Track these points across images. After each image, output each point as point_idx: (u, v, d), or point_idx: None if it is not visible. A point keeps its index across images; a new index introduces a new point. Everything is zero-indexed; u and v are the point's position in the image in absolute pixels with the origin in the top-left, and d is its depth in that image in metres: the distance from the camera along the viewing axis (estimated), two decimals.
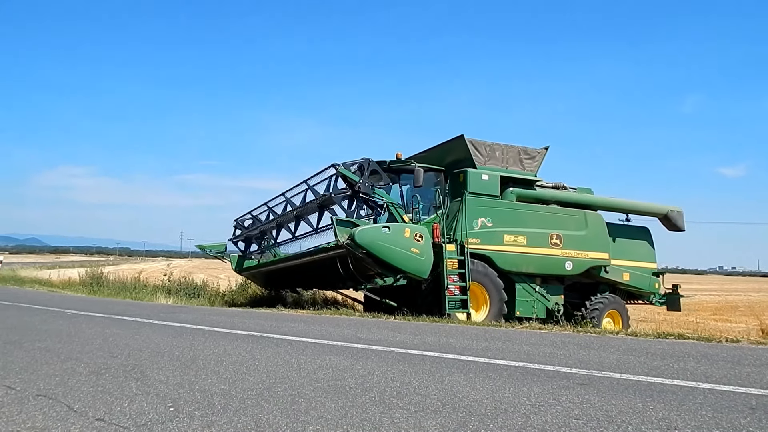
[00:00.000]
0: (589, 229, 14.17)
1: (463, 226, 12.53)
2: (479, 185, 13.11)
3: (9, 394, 3.89)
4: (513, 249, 13.13)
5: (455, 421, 3.50)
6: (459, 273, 12.08)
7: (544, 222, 13.70)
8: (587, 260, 13.97)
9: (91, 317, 9.21)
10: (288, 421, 3.42)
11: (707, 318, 21.97)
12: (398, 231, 11.65)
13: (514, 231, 13.19)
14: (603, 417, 3.63)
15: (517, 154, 14.10)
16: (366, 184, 12.24)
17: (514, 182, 13.85)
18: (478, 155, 13.49)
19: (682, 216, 15.85)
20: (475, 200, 12.96)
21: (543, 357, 6.03)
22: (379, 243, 11.31)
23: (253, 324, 8.59)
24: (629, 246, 15.17)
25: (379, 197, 12.49)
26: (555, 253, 13.60)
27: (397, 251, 11.40)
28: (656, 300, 15.46)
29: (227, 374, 4.72)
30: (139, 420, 3.38)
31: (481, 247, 12.77)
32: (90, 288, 18.64)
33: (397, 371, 5.04)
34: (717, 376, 5.08)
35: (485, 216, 12.97)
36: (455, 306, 11.91)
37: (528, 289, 13.55)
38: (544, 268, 13.65)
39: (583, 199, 14.93)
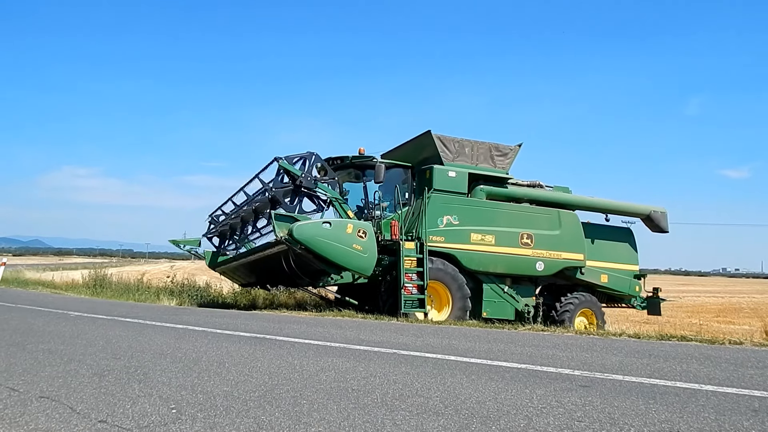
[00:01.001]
0: (563, 228, 13.80)
1: (424, 224, 12.22)
2: (445, 182, 12.80)
3: (12, 396, 3.90)
4: (480, 248, 12.84)
5: (457, 423, 3.50)
6: (417, 271, 11.82)
7: (515, 221, 13.38)
8: (560, 261, 13.63)
9: (94, 319, 9.23)
10: (290, 423, 3.43)
11: (710, 320, 21.93)
12: (340, 227, 11.39)
13: (482, 230, 12.89)
14: (605, 419, 3.63)
15: (488, 151, 13.70)
16: (308, 178, 12.05)
17: (485, 179, 13.50)
18: (446, 151, 13.14)
19: (666, 217, 15.49)
20: (440, 197, 12.67)
21: (545, 359, 6.03)
22: (318, 239, 11.06)
23: (256, 326, 8.59)
24: (609, 247, 14.80)
25: (323, 192, 12.26)
26: (525, 253, 13.27)
27: (337, 247, 11.14)
28: (638, 304, 15.08)
29: (230, 376, 4.73)
30: (142, 422, 3.38)
31: (445, 245, 12.52)
32: (93, 290, 18.65)
33: (399, 373, 5.04)
34: (720, 378, 5.08)
35: (451, 214, 12.70)
36: (412, 305, 11.68)
37: (496, 290, 13.25)
38: (514, 269, 13.31)
39: (558, 197, 14.53)
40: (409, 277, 11.75)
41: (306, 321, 9.65)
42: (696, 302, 35.34)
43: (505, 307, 13.26)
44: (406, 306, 11.64)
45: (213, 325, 8.54)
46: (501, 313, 13.09)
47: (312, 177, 12.18)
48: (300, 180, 12.04)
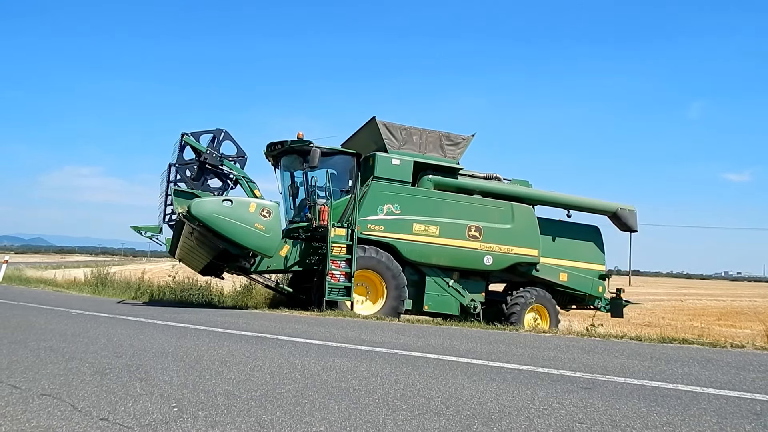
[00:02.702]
0: (516, 222, 13.28)
1: (357, 212, 11.99)
2: (388, 170, 12.49)
3: (14, 393, 3.90)
4: (422, 239, 12.48)
5: (459, 423, 3.50)
6: (347, 259, 11.59)
7: (462, 212, 12.94)
8: (511, 256, 13.10)
9: (96, 317, 9.24)
10: (292, 422, 3.43)
11: (712, 323, 21.92)
12: (242, 205, 11.18)
13: (425, 220, 12.54)
14: (607, 421, 3.63)
15: (438, 140, 13.25)
16: (214, 155, 11.83)
17: (434, 169, 13.07)
18: (392, 139, 12.81)
19: (635, 215, 14.83)
20: (381, 185, 12.39)
21: (547, 360, 6.03)
22: (217, 216, 10.84)
23: (257, 325, 8.60)
24: (572, 245, 14.25)
25: (229, 169, 12.03)
26: (472, 246, 12.82)
27: (237, 226, 10.92)
28: (602, 305, 14.47)
29: (231, 375, 4.73)
30: (143, 420, 3.38)
31: (385, 234, 12.26)
32: (95, 288, 18.68)
33: (400, 373, 5.04)
34: (722, 381, 5.07)
35: (392, 202, 12.38)
36: (338, 293, 11.50)
37: (440, 283, 12.84)
38: (459, 262, 12.88)
39: (514, 191, 13.92)
40: (337, 264, 11.52)
41: (307, 320, 9.65)
42: (698, 305, 35.31)
43: (449, 301, 12.88)
44: (331, 294, 11.46)
45: (214, 324, 8.55)
46: (444, 307, 12.80)
47: (218, 154, 11.91)
48: (204, 156, 11.78)
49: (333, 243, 11.60)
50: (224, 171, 12.09)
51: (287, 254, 12.38)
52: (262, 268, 12.46)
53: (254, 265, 12.26)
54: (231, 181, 12.22)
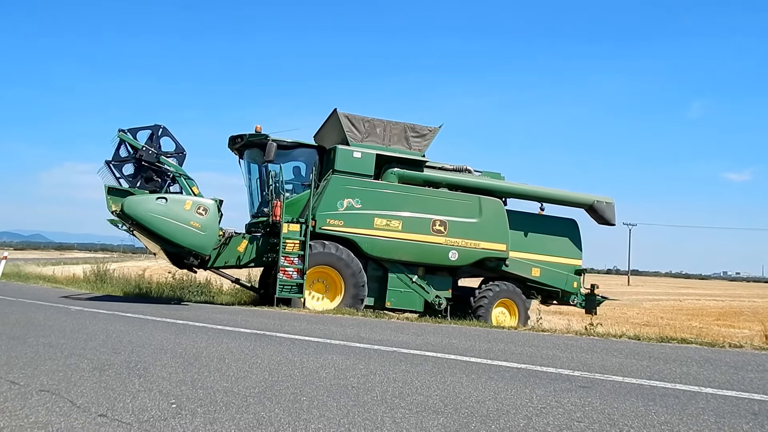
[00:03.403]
0: (484, 216, 12.87)
1: (316, 206, 11.91)
2: (349, 163, 12.25)
3: (12, 389, 3.90)
4: (384, 234, 12.22)
5: (457, 421, 3.51)
6: (300, 255, 11.52)
7: (427, 206, 12.58)
8: (477, 251, 12.73)
9: (95, 313, 9.24)
10: (290, 419, 3.43)
11: (711, 323, 21.92)
12: (176, 203, 11.02)
13: (388, 215, 12.25)
14: (605, 420, 3.63)
15: (403, 132, 12.90)
16: (150, 151, 11.66)
17: (399, 162, 12.80)
18: (354, 131, 12.55)
19: (612, 208, 14.24)
20: (341, 179, 12.16)
21: (545, 359, 6.04)
22: (151, 214, 10.72)
23: (256, 322, 8.60)
24: (547, 240, 13.79)
25: (167, 166, 11.85)
26: (437, 240, 12.48)
27: (171, 224, 10.76)
28: (578, 301, 13.98)
29: (230, 372, 4.73)
30: (142, 416, 3.39)
31: (344, 229, 12.04)
32: (94, 285, 18.67)
33: (399, 371, 5.05)
34: (720, 381, 5.08)
35: (353, 197, 12.14)
36: (290, 290, 11.43)
37: (404, 279, 12.56)
38: (423, 257, 12.54)
39: (483, 184, 13.47)
40: (290, 261, 11.46)
41: (306, 318, 9.66)
42: (696, 305, 35.31)
43: (413, 297, 12.62)
44: (283, 291, 11.42)
45: (213, 321, 8.55)
46: (407, 303, 12.60)
47: (154, 151, 11.74)
48: (141, 153, 11.63)
49: (286, 239, 11.56)
50: (162, 168, 11.85)
51: (244, 250, 12.33)
52: (218, 263, 12.44)
53: (209, 261, 12.25)
54: (169, 179, 11.99)
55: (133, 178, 11.78)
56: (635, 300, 38.07)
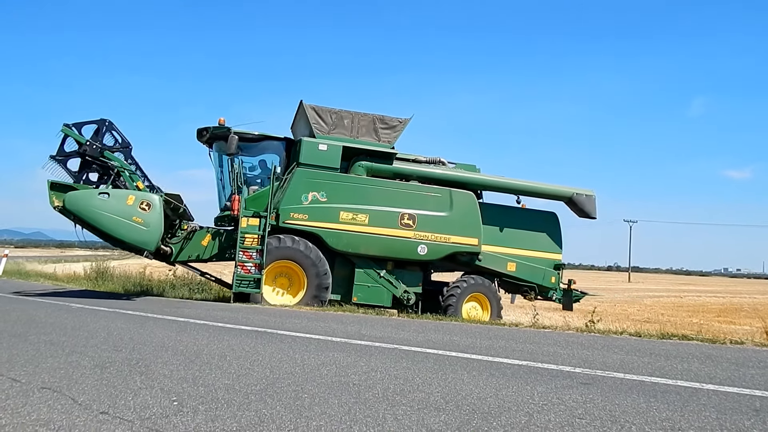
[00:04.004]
0: (455, 210, 12.56)
1: (278, 200, 11.83)
2: (314, 156, 12.06)
3: (14, 387, 3.90)
4: (349, 228, 12.02)
5: (458, 418, 3.51)
6: (259, 249, 11.47)
7: (395, 200, 12.33)
8: (448, 245, 12.42)
9: (96, 311, 9.24)
10: (292, 416, 3.43)
11: (711, 320, 21.90)
12: (119, 198, 10.87)
13: (354, 208, 12.05)
14: (606, 417, 3.63)
15: (372, 123, 12.65)
16: (94, 146, 11.56)
17: (368, 154, 12.56)
18: (320, 123, 12.36)
19: (593, 201, 13.86)
20: (306, 172, 12.01)
21: (547, 356, 6.03)
22: (93, 210, 10.63)
23: (257, 319, 8.60)
24: (524, 234, 13.47)
25: (112, 161, 11.72)
26: (405, 235, 12.24)
27: (114, 219, 10.65)
28: (557, 297, 13.64)
29: (231, 369, 4.74)
30: (144, 414, 3.39)
31: (309, 223, 11.89)
32: (95, 282, 18.66)
33: (400, 368, 5.05)
34: (721, 377, 5.08)
35: (318, 190, 11.98)
36: (248, 285, 11.39)
37: (371, 274, 12.34)
38: (391, 251, 12.30)
39: (455, 176, 13.15)
40: (249, 255, 11.43)
41: (307, 315, 9.66)
42: (697, 302, 35.30)
43: (380, 292, 12.38)
44: (240, 285, 11.39)
45: (214, 318, 8.55)
46: (375, 299, 12.34)
47: (99, 145, 11.64)
48: (84, 148, 11.56)
49: (245, 233, 11.54)
50: (107, 163, 11.74)
51: (208, 244, 12.33)
52: (182, 258, 12.46)
53: (171, 255, 12.30)
54: (114, 173, 11.86)
55: (78, 173, 11.74)
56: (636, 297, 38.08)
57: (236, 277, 11.44)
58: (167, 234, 12.40)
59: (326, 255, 12.04)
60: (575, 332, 8.85)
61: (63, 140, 11.68)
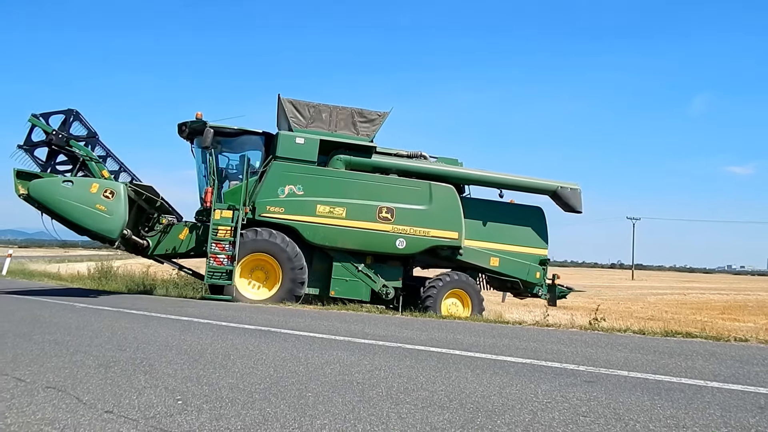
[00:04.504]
0: (434, 203, 12.47)
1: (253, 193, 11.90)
2: (291, 149, 12.11)
3: (19, 386, 3.92)
4: (326, 221, 12.02)
5: (462, 416, 3.51)
6: (232, 242, 11.49)
7: (373, 193, 12.31)
8: (427, 239, 12.30)
9: (100, 310, 9.26)
10: (296, 415, 3.43)
11: (715, 317, 21.87)
12: (83, 185, 10.91)
13: (331, 201, 12.06)
14: (610, 414, 3.63)
15: (350, 117, 12.60)
16: (60, 135, 11.67)
17: (347, 148, 12.52)
18: (298, 117, 12.37)
19: (578, 194, 13.58)
20: (282, 166, 12.06)
21: (550, 354, 6.03)
22: (57, 198, 10.66)
23: (261, 318, 8.61)
24: (508, 228, 13.27)
25: (77, 150, 11.80)
26: (384, 228, 12.17)
27: (77, 207, 10.68)
28: (542, 293, 13.38)
29: (235, 368, 4.74)
30: (148, 413, 3.40)
31: (285, 217, 11.93)
32: (98, 282, 18.72)
33: (404, 367, 5.05)
34: (725, 374, 5.07)
35: (295, 183, 12.01)
36: (219, 277, 11.41)
37: (349, 268, 12.29)
38: (368, 245, 12.25)
39: (436, 170, 13.04)
40: (222, 247, 11.46)
41: (311, 314, 9.66)
42: (701, 299, 35.26)
43: (358, 286, 12.32)
44: (212, 277, 11.43)
45: (218, 317, 8.56)
46: (352, 293, 12.28)
47: (65, 135, 11.75)
48: (51, 137, 11.67)
49: (218, 225, 11.56)
50: (73, 152, 11.84)
51: (185, 238, 12.34)
52: (159, 251, 12.47)
53: (148, 249, 12.36)
54: (79, 163, 11.95)
55: (46, 162, 11.84)
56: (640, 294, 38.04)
57: (208, 269, 11.46)
58: (144, 227, 12.58)
59: (304, 249, 12.07)
60: (579, 330, 8.84)
61: (30, 130, 11.82)
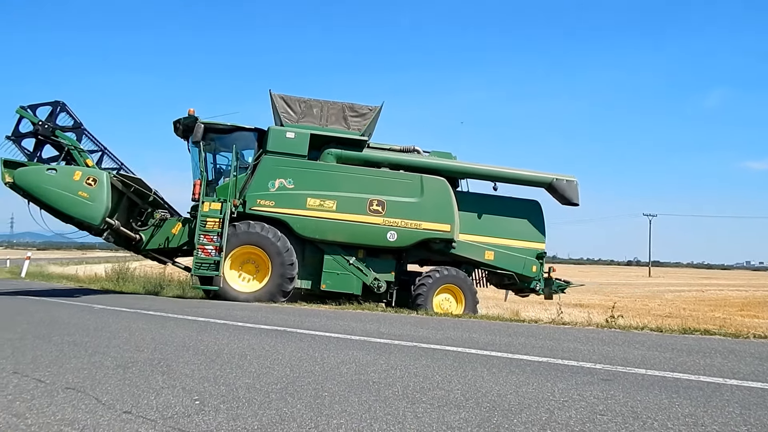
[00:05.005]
0: (426, 196, 12.44)
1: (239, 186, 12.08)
2: (282, 144, 12.24)
3: (39, 387, 3.96)
4: (317, 214, 12.09)
5: (479, 416, 3.50)
6: (220, 233, 11.63)
7: (364, 186, 12.34)
8: (419, 231, 12.27)
9: (117, 312, 9.34)
10: (312, 414, 3.45)
11: (734, 314, 21.67)
12: (66, 173, 11.22)
13: (321, 194, 12.13)
14: (628, 413, 3.60)
15: (341, 112, 12.67)
16: (46, 125, 11.96)
17: (338, 142, 12.61)
18: (289, 112, 12.49)
19: (574, 186, 13.39)
20: (273, 160, 12.19)
21: (566, 352, 6.00)
22: (41, 185, 10.95)
23: (277, 319, 8.65)
24: (504, 222, 13.20)
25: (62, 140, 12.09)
26: (374, 221, 12.18)
27: (60, 194, 10.97)
28: (540, 287, 13.26)
29: (251, 368, 4.77)
30: (166, 413, 3.42)
31: (276, 210, 12.04)
32: (116, 283, 18.89)
33: (419, 366, 5.05)
34: (745, 372, 5.02)
35: (285, 177, 12.12)
36: (207, 268, 11.56)
37: (340, 261, 12.32)
38: (359, 238, 12.27)
39: (428, 163, 13.05)
40: (210, 238, 11.59)
41: (326, 314, 9.69)
42: (719, 296, 34.94)
43: (350, 280, 12.33)
44: (201, 268, 11.56)
45: (234, 317, 8.61)
46: (344, 286, 12.31)
47: (50, 125, 12.06)
48: (37, 128, 11.99)
49: (206, 217, 11.71)
50: (59, 142, 12.18)
51: (178, 232, 12.49)
52: (152, 246, 12.65)
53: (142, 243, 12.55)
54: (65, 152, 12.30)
55: (33, 152, 12.17)
56: (657, 291, 37.75)
57: (196, 260, 11.61)
58: (137, 221, 12.81)
59: (296, 243, 12.19)
60: (595, 328, 8.79)
61: (18, 121, 12.17)
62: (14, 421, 3.22)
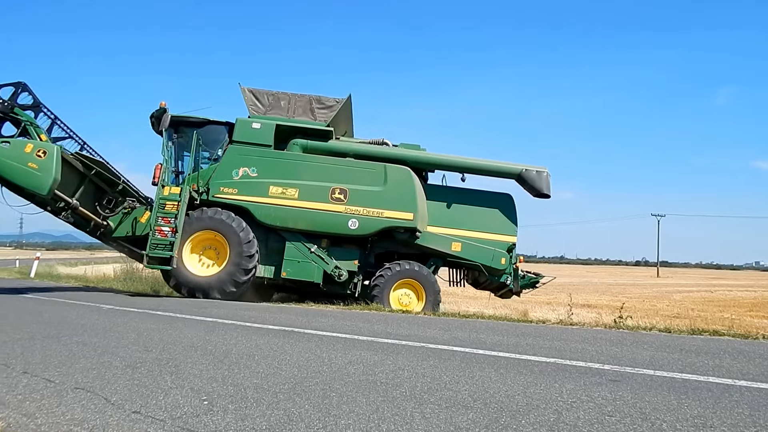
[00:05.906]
0: (389, 185, 12.51)
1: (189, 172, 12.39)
2: (247, 134, 12.57)
3: (48, 387, 3.99)
4: (278, 202, 12.29)
5: (487, 416, 3.50)
6: (176, 215, 11.78)
7: (327, 175, 12.52)
8: (381, 219, 12.31)
9: (126, 312, 9.38)
10: (320, 415, 3.45)
11: (743, 314, 21.54)
12: (18, 145, 11.69)
13: (283, 183, 12.34)
14: (637, 414, 3.59)
15: (308, 104, 12.97)
16: (5, 104, 12.33)
17: (305, 133, 12.88)
18: (257, 105, 12.86)
19: (544, 177, 13.17)
20: (238, 149, 12.48)
21: (574, 353, 5.99)
22: None
23: (284, 319, 8.66)
24: (474, 214, 13.11)
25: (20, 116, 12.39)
26: (336, 209, 12.32)
27: (11, 165, 11.42)
28: (510, 281, 13.11)
29: (259, 368, 4.78)
30: (175, 413, 3.44)
31: (238, 197, 12.28)
32: (124, 283, 18.98)
33: (427, 366, 5.05)
34: (754, 373, 4.99)
35: (249, 165, 12.37)
36: (163, 248, 11.63)
37: (302, 249, 12.44)
38: (320, 226, 12.38)
39: (393, 154, 13.19)
40: (167, 220, 11.73)
41: (334, 314, 9.70)
42: (728, 296, 34.75)
43: (310, 268, 12.41)
44: (157, 249, 11.65)
45: (242, 318, 8.63)
46: (304, 274, 12.42)
47: (9, 103, 12.44)
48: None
49: (165, 200, 11.86)
50: (16, 118, 12.55)
51: (146, 221, 12.69)
52: (119, 233, 12.90)
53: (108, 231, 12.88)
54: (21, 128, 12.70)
55: None
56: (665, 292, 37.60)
57: (151, 241, 11.69)
58: (105, 209, 13.08)
59: (261, 232, 12.39)
60: (603, 329, 8.76)
61: None
62: (24, 421, 3.25)
